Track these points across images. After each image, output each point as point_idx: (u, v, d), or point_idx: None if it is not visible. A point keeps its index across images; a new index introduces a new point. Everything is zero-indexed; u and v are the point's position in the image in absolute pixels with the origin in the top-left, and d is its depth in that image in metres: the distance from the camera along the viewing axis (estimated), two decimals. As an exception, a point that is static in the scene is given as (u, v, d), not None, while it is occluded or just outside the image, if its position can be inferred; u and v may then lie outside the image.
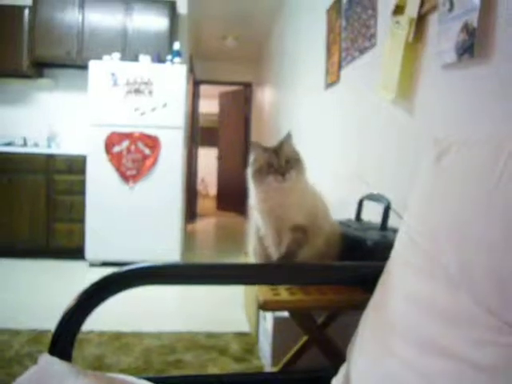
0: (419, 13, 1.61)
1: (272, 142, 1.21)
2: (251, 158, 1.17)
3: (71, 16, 4.22)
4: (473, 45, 1.26)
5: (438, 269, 0.72)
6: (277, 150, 1.15)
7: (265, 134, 6.35)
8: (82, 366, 0.82)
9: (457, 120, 1.42)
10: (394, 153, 1.91)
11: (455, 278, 0.68)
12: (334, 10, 2.83)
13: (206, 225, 7.11)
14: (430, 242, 0.76)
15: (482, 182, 0.72)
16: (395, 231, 1.32)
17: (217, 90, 8.72)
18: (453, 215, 0.74)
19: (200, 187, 10.35)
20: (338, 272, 1.07)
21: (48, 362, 0.80)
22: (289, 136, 1.21)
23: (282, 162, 1.13)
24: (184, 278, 1.01)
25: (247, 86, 7.91)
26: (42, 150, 4.12)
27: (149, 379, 0.91)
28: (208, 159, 10.06)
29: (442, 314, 0.68)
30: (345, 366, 0.90)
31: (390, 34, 1.82)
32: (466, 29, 1.29)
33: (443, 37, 1.42)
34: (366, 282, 0.96)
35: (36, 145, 4.46)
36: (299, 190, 1.17)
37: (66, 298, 0.95)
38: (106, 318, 2.01)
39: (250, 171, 1.16)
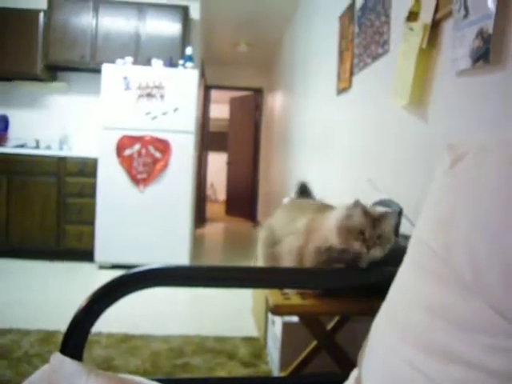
0: (433, 19, 1.61)
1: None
2: (348, 211, 1.11)
3: (85, 20, 4.27)
4: (488, 51, 1.26)
5: (452, 274, 0.71)
6: (375, 222, 1.10)
7: (275, 140, 6.36)
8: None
9: (471, 126, 1.41)
10: (406, 159, 1.90)
11: (470, 284, 0.67)
12: (347, 17, 2.83)
13: (215, 229, 7.12)
14: (444, 248, 0.76)
15: (498, 188, 0.71)
16: (407, 237, 1.32)
17: (227, 95, 8.75)
18: (468, 221, 0.74)
19: (209, 192, 10.37)
20: (349, 277, 1.06)
21: (60, 361, 0.80)
22: (394, 215, 1.15)
23: (375, 237, 1.09)
24: (195, 280, 1.01)
25: (258, 92, 7.92)
26: (54, 152, 4.16)
27: (158, 381, 0.91)
28: (217, 164, 10.08)
29: (456, 319, 0.67)
30: (356, 371, 0.90)
31: (404, 41, 1.82)
32: (481, 35, 1.28)
33: (458, 43, 1.42)
34: (378, 288, 0.95)
35: (48, 147, 4.51)
36: None
37: (75, 299, 0.96)
38: (114, 320, 2.02)
39: (340, 221, 1.10)
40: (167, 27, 4.35)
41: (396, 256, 0.94)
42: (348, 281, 1.06)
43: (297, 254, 1.19)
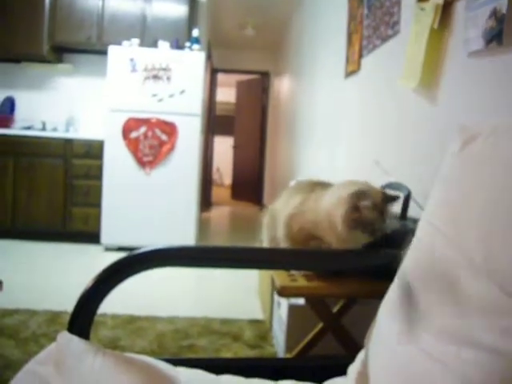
0: (445, -1, 1.57)
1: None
2: (360, 200, 1.09)
3: (92, 1, 4.23)
4: (501, 32, 1.23)
5: (463, 257, 0.70)
6: (373, 202, 1.09)
7: (282, 124, 6.32)
8: (98, 347, 0.83)
9: (482, 108, 1.38)
10: (416, 142, 1.88)
11: (481, 266, 0.66)
12: (356, -2, 2.78)
13: (220, 213, 7.14)
14: (455, 230, 0.75)
15: (510, 171, 0.70)
16: (415, 221, 1.30)
17: (234, 78, 8.69)
18: (479, 204, 0.73)
19: (215, 176, 10.37)
20: (356, 259, 1.05)
21: (67, 340, 0.80)
22: (392, 198, 1.15)
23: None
24: (200, 260, 1.01)
25: (265, 75, 7.86)
26: (61, 134, 4.16)
27: (165, 361, 0.91)
28: (223, 148, 10.05)
29: (467, 302, 0.66)
30: (362, 353, 0.90)
31: (415, 21, 1.78)
32: (495, 15, 1.25)
33: (470, 23, 1.39)
34: (386, 271, 0.95)
35: (55, 129, 4.50)
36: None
37: (82, 280, 0.96)
38: (119, 301, 2.03)
39: (347, 210, 1.08)
40: (174, 9, 4.30)
41: (404, 239, 0.94)
42: (354, 263, 1.06)
43: (285, 223, 1.21)
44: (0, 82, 4.62)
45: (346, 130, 2.99)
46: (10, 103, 4.54)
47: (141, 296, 2.72)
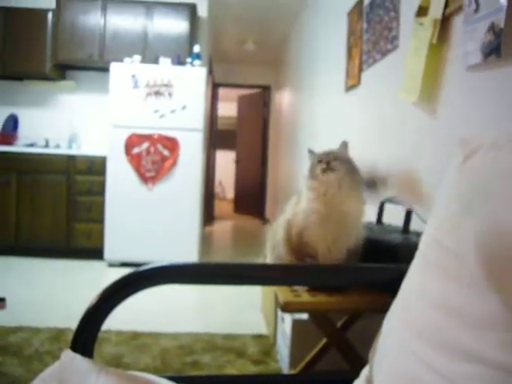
0: (443, 14, 1.59)
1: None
2: (310, 165, 1.26)
3: (94, 19, 4.28)
4: (500, 45, 1.24)
5: (466, 271, 0.70)
6: (327, 152, 1.26)
7: (283, 138, 6.34)
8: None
9: (482, 121, 1.39)
10: (416, 156, 1.89)
11: (483, 281, 0.66)
12: (355, 13, 2.81)
13: (223, 227, 7.13)
14: (457, 244, 0.75)
15: (511, 184, 0.70)
16: (418, 234, 1.31)
17: (235, 92, 8.75)
18: (482, 217, 0.73)
19: (217, 190, 10.38)
20: (360, 274, 1.05)
21: (70, 358, 0.80)
22: (344, 144, 1.32)
23: (331, 157, 1.21)
24: (203, 277, 1.00)
25: (266, 89, 7.91)
26: (64, 150, 4.18)
27: (169, 378, 0.91)
28: (225, 162, 10.08)
29: (470, 317, 0.66)
30: (367, 369, 0.89)
31: (413, 36, 1.80)
32: (493, 29, 1.26)
33: (468, 38, 1.40)
34: (389, 285, 0.94)
35: (58, 146, 4.53)
36: (357, 196, 1.23)
37: (85, 297, 0.96)
38: (123, 317, 2.02)
39: (306, 175, 1.23)
40: (175, 25, 4.35)
41: (407, 253, 0.93)
42: (357, 278, 1.05)
43: (284, 227, 1.29)
44: (3, 100, 4.66)
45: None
46: (13, 120, 4.57)
47: (144, 312, 2.71)
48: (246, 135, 8.45)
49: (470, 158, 0.83)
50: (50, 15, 4.26)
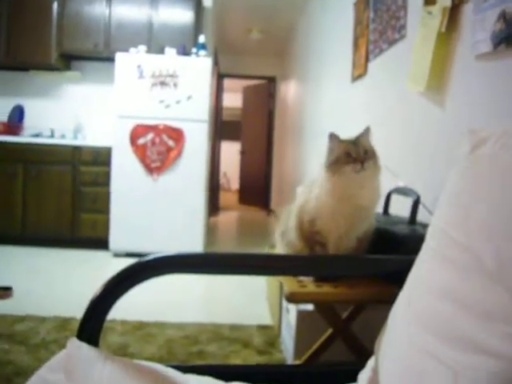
0: (452, 2, 1.57)
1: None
2: (327, 149, 1.18)
3: (98, 9, 4.27)
4: (510, 34, 1.22)
5: (474, 262, 0.69)
6: (355, 141, 1.18)
7: (289, 129, 6.32)
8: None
9: (491, 111, 1.37)
10: (424, 146, 1.87)
11: (492, 272, 0.65)
12: (362, 2, 2.78)
13: (228, 218, 7.14)
14: (465, 235, 0.74)
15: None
16: (424, 226, 1.30)
17: (240, 83, 8.71)
18: (490, 207, 0.72)
19: (222, 181, 10.39)
20: (366, 265, 1.05)
21: (77, 347, 0.81)
22: (367, 130, 1.24)
23: (361, 152, 1.15)
24: (208, 267, 1.00)
25: (271, 80, 7.87)
26: (69, 141, 4.19)
27: (174, 367, 0.91)
28: (230, 153, 10.06)
29: (477, 308, 0.65)
30: (372, 360, 0.89)
31: (422, 25, 1.78)
32: (504, 17, 1.24)
33: (478, 26, 1.38)
34: (395, 276, 0.94)
35: (63, 136, 4.54)
36: (377, 187, 1.20)
37: (90, 286, 0.96)
38: (128, 307, 2.03)
39: (324, 162, 1.16)
40: (180, 15, 4.33)
41: (414, 244, 0.93)
42: (363, 269, 1.05)
43: (296, 214, 1.27)
44: (9, 91, 4.66)
45: (353, 134, 2.98)
46: (18, 111, 4.58)
47: (149, 302, 2.72)
48: (251, 126, 8.43)
49: (478, 148, 0.82)
50: (55, 5, 4.24)
